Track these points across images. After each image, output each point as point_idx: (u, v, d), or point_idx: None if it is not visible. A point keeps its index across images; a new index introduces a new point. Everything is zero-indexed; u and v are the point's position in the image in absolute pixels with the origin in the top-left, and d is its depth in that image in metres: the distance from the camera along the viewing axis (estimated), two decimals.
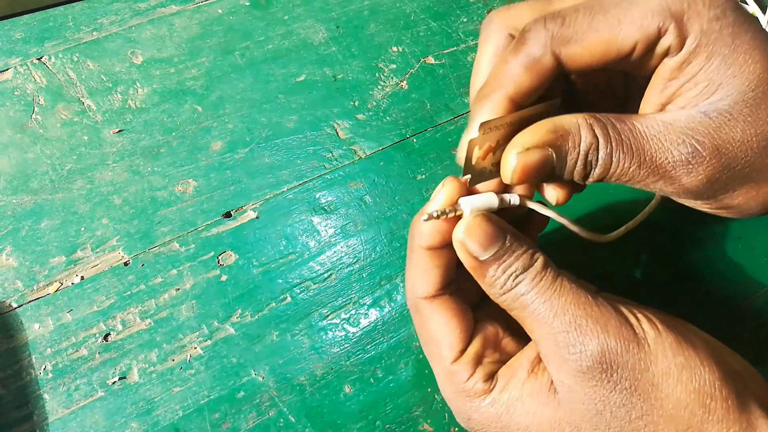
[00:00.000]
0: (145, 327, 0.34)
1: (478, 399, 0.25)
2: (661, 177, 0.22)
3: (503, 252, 0.23)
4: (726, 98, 0.21)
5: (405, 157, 0.40)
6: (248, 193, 0.38)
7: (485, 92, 0.24)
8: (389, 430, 0.32)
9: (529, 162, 0.22)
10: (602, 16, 0.22)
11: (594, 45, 0.22)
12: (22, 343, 0.33)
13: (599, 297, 0.23)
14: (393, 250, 0.37)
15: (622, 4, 0.22)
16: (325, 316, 0.35)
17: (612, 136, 0.22)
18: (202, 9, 0.45)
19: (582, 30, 0.22)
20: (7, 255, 0.35)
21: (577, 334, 0.22)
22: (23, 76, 0.41)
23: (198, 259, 0.36)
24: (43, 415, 0.31)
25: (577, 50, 0.22)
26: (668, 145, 0.21)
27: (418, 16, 0.46)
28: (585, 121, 0.22)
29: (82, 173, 0.38)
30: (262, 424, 0.32)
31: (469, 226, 0.23)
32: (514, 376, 0.25)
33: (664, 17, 0.21)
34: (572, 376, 0.22)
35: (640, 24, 0.21)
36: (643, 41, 0.22)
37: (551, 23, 0.22)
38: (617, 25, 0.22)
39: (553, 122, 0.23)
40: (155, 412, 0.32)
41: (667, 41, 0.21)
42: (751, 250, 0.38)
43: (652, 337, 0.22)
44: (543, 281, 0.23)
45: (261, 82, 0.42)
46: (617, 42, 0.22)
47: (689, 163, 0.21)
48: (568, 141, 0.22)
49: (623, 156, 0.22)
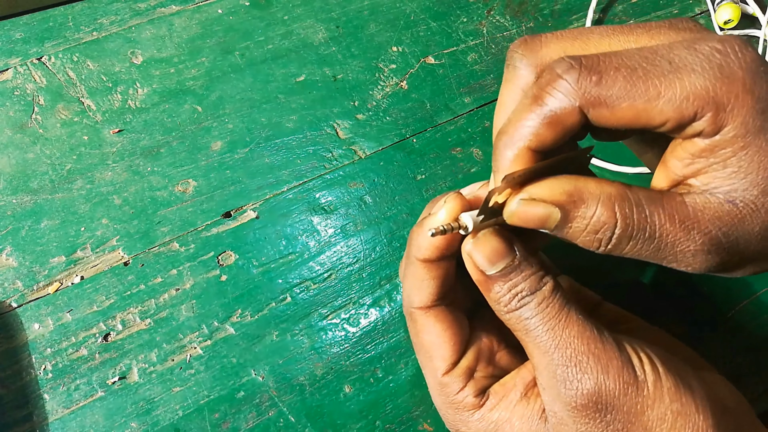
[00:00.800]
0: (144, 327, 0.34)
1: (467, 413, 0.25)
2: (677, 261, 0.21)
3: (511, 270, 0.23)
4: (753, 188, 0.20)
5: (405, 157, 0.40)
6: (248, 193, 0.38)
7: (506, 140, 0.22)
8: (389, 430, 0.32)
9: (528, 213, 0.21)
10: (643, 84, 0.20)
11: (625, 113, 0.20)
12: (22, 343, 0.33)
13: (605, 332, 0.23)
14: (393, 250, 0.37)
15: (668, 75, 0.20)
16: (325, 316, 0.35)
17: (636, 220, 0.20)
18: (202, 9, 0.45)
19: (618, 95, 0.20)
20: (7, 255, 0.35)
21: (576, 371, 0.22)
22: (23, 76, 0.41)
23: (198, 259, 0.36)
24: (42, 415, 0.31)
25: (606, 114, 0.21)
26: (694, 234, 0.21)
27: (418, 16, 0.46)
28: (609, 196, 0.21)
29: (82, 173, 0.38)
30: (262, 424, 0.32)
31: (478, 239, 0.23)
32: (507, 397, 0.25)
33: (705, 103, 0.20)
34: (565, 410, 0.22)
35: (678, 105, 0.20)
36: (674, 121, 0.20)
37: (585, 78, 0.20)
38: (656, 99, 0.20)
39: (573, 184, 0.21)
40: (155, 412, 0.32)
41: (701, 126, 0.20)
42: None
43: (652, 381, 0.22)
44: (549, 308, 0.23)
45: (261, 82, 0.42)
46: (649, 115, 0.20)
47: (709, 252, 0.21)
48: (579, 210, 0.21)
49: (642, 243, 0.21)
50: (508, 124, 0.22)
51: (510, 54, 0.24)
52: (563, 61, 0.21)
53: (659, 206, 0.21)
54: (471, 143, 0.41)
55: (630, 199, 0.21)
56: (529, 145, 0.21)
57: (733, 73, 0.19)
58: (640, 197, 0.21)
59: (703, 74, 0.20)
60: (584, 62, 0.20)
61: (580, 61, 0.20)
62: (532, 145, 0.21)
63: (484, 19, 0.46)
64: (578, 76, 0.20)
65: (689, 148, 0.21)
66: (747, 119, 0.20)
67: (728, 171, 0.20)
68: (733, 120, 0.20)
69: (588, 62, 0.20)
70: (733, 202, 0.20)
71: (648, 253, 0.21)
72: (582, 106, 0.20)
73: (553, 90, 0.21)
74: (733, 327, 0.36)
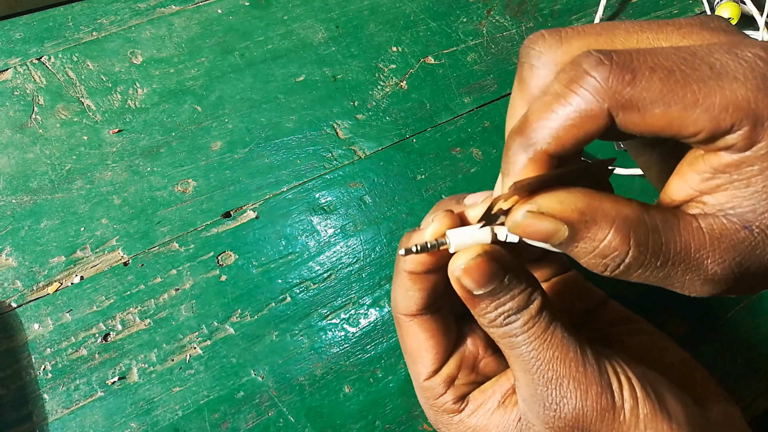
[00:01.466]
0: (144, 327, 0.34)
1: (447, 416, 0.26)
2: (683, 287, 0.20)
3: (499, 290, 0.22)
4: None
5: (404, 157, 0.40)
6: (248, 193, 0.38)
7: (521, 141, 0.20)
8: (389, 430, 0.32)
9: (534, 227, 0.20)
10: (681, 90, 0.18)
11: (657, 119, 0.18)
12: (22, 343, 0.33)
13: (588, 353, 0.23)
14: (392, 250, 0.37)
15: (708, 82, 0.18)
16: (325, 316, 0.35)
17: (651, 249, 0.19)
18: (202, 9, 0.45)
19: (652, 99, 0.18)
20: (7, 255, 0.35)
21: (556, 393, 0.22)
22: (23, 76, 0.41)
23: (197, 259, 0.36)
24: (42, 415, 0.31)
25: (636, 119, 0.18)
26: (708, 264, 0.19)
27: (417, 16, 0.46)
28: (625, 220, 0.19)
29: (82, 173, 0.38)
30: (262, 424, 0.32)
31: (468, 266, 0.22)
32: (485, 404, 0.25)
33: (745, 116, 0.18)
34: (543, 427, 0.23)
35: (717, 115, 0.18)
36: (708, 132, 0.18)
37: (617, 77, 0.18)
38: (693, 107, 0.18)
39: (588, 201, 0.19)
40: (155, 412, 0.32)
41: (733, 140, 0.18)
42: None
43: (629, 407, 0.22)
44: (534, 328, 0.22)
45: (261, 82, 0.42)
46: (683, 124, 0.18)
47: (720, 281, 0.20)
48: (590, 231, 0.19)
49: (652, 271, 0.19)
50: (524, 123, 0.20)
51: (525, 51, 0.22)
52: (591, 56, 0.18)
53: (676, 234, 0.19)
54: (471, 143, 0.41)
55: (646, 225, 0.19)
56: (548, 149, 0.19)
57: None
58: (657, 223, 0.19)
59: (745, 83, 0.18)
60: (616, 58, 0.18)
61: (611, 56, 0.18)
62: (550, 150, 0.19)
63: (483, 19, 0.46)
64: (609, 73, 0.18)
65: (713, 161, 0.19)
66: None
67: (750, 190, 0.19)
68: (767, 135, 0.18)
69: (620, 59, 0.18)
70: (749, 228, 0.19)
71: (655, 280, 0.20)
72: (611, 108, 0.18)
73: (579, 88, 0.19)
74: (732, 327, 0.36)
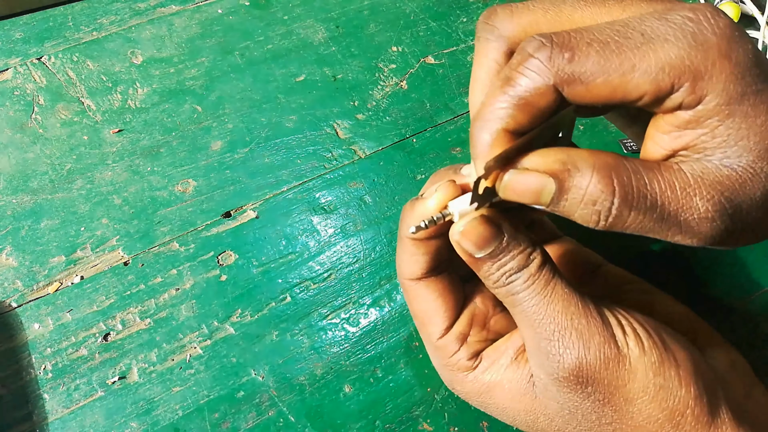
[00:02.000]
0: (144, 327, 0.34)
1: (462, 374, 0.27)
2: (680, 232, 0.21)
3: (499, 251, 0.23)
4: (748, 154, 0.20)
5: (405, 157, 0.40)
6: (248, 193, 0.38)
7: (481, 125, 0.21)
8: (389, 430, 0.32)
9: (522, 185, 0.21)
10: (617, 58, 0.19)
11: (600, 89, 0.20)
12: (22, 343, 0.33)
13: (590, 305, 0.23)
14: (393, 249, 0.37)
15: (641, 47, 0.19)
16: (325, 315, 0.35)
17: (636, 188, 0.20)
18: (202, 9, 0.45)
19: (592, 71, 0.20)
20: (7, 255, 0.35)
21: (558, 345, 0.22)
22: (23, 76, 0.41)
23: (198, 259, 0.36)
24: (42, 414, 0.31)
25: (582, 90, 0.20)
26: (697, 201, 0.20)
27: (417, 16, 0.46)
28: (605, 164, 0.20)
29: (82, 173, 0.38)
30: (262, 424, 0.32)
31: (465, 229, 0.23)
32: (498, 360, 0.26)
33: (681, 73, 0.19)
34: (549, 379, 0.23)
35: (654, 76, 0.19)
36: (652, 93, 0.20)
37: (557, 56, 0.20)
38: (630, 73, 0.19)
39: (567, 153, 0.20)
40: (155, 412, 0.32)
41: (680, 97, 0.19)
42: (751, 251, 0.38)
43: (636, 355, 0.22)
44: (536, 284, 0.23)
45: (261, 82, 0.42)
46: (626, 89, 0.20)
47: (714, 219, 0.20)
48: (574, 179, 0.20)
49: (645, 213, 0.20)
50: (481, 108, 0.21)
51: (479, 26, 0.24)
52: (534, 40, 0.20)
53: (658, 174, 0.20)
54: None
55: (627, 167, 0.20)
56: (506, 127, 0.21)
57: (707, 40, 0.19)
58: (638, 165, 0.20)
59: (676, 44, 0.19)
60: (555, 39, 0.20)
61: (551, 38, 0.20)
62: (508, 127, 0.21)
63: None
64: (550, 53, 0.20)
65: (673, 120, 0.20)
66: (727, 86, 0.19)
67: (718, 140, 0.20)
68: (713, 88, 0.19)
69: (559, 39, 0.20)
70: (731, 167, 0.20)
71: (651, 224, 0.20)
72: (556, 84, 0.20)
73: (525, 69, 0.20)
74: (730, 325, 0.36)
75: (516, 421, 0.26)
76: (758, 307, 0.37)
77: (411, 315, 0.29)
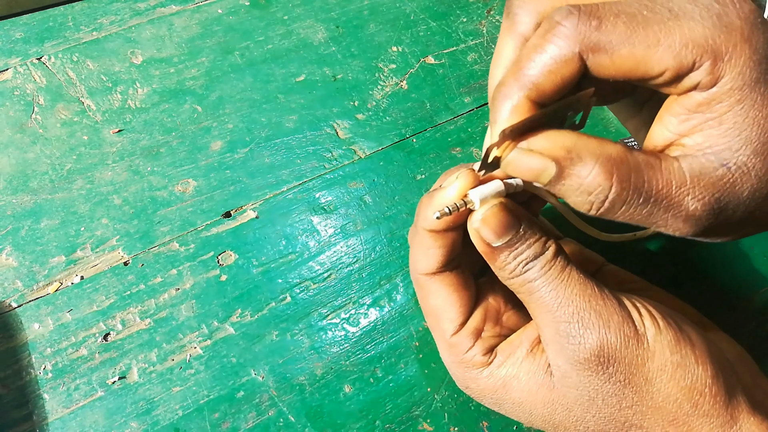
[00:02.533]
0: (144, 327, 0.34)
1: (476, 370, 0.26)
2: (666, 225, 0.21)
3: (516, 240, 0.23)
4: (746, 147, 0.20)
5: (405, 157, 0.40)
6: (248, 193, 0.38)
7: (505, 91, 0.22)
8: (389, 430, 0.32)
9: (524, 164, 0.21)
10: (643, 31, 0.20)
11: (624, 60, 0.20)
12: (22, 342, 0.33)
13: (605, 290, 0.23)
14: (393, 249, 0.37)
15: (667, 23, 0.20)
16: (325, 315, 0.35)
17: (633, 185, 0.20)
18: (202, 9, 0.45)
19: (618, 41, 0.20)
20: (7, 255, 0.35)
21: (578, 326, 0.22)
22: (23, 76, 0.41)
23: (198, 258, 0.36)
24: (42, 414, 0.31)
25: (605, 61, 0.20)
26: (689, 201, 0.20)
27: (417, 16, 0.46)
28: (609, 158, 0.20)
29: (82, 173, 0.38)
30: (262, 424, 0.32)
31: (485, 216, 0.24)
32: (513, 354, 0.26)
33: (704, 52, 0.19)
34: (568, 364, 0.23)
35: (678, 52, 0.20)
36: (673, 70, 0.20)
37: (585, 24, 0.20)
38: (655, 46, 0.20)
39: (574, 141, 0.21)
40: (155, 412, 0.32)
41: (698, 76, 0.20)
42: (751, 250, 0.38)
43: (653, 334, 0.22)
44: (552, 270, 0.23)
45: (261, 82, 0.42)
46: (649, 64, 0.20)
47: (701, 218, 0.21)
48: (575, 168, 0.21)
49: (636, 208, 0.21)
50: (506, 74, 0.22)
51: (508, 2, 0.24)
52: (562, 9, 0.21)
53: (657, 171, 0.21)
54: (471, 143, 0.41)
55: (629, 164, 0.21)
56: (529, 95, 0.21)
57: (732, 22, 0.19)
58: (639, 162, 0.21)
59: (702, 22, 0.19)
60: (583, 8, 0.20)
61: (579, 7, 0.20)
62: (531, 96, 0.21)
63: (484, 19, 0.46)
64: (578, 21, 0.20)
65: (686, 103, 0.21)
66: (744, 70, 0.20)
67: (724, 128, 0.20)
68: (730, 71, 0.20)
69: (587, 8, 0.20)
70: (726, 166, 0.20)
71: (640, 218, 0.21)
72: (582, 51, 0.20)
73: (552, 37, 0.21)
74: (731, 325, 0.36)
75: (533, 415, 0.25)
76: (762, 304, 0.37)
77: (423, 312, 0.29)
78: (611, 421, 0.23)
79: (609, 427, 0.23)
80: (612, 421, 0.23)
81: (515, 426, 0.33)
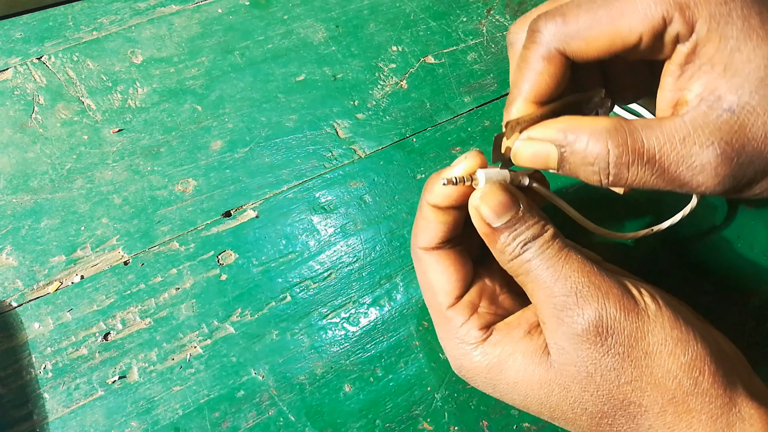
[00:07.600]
0: (144, 326, 0.34)
1: (470, 346, 0.26)
2: (689, 180, 0.21)
3: (515, 221, 0.24)
4: (745, 85, 0.20)
5: (405, 157, 0.40)
6: (248, 193, 0.38)
7: (510, 97, 0.25)
8: (389, 429, 0.32)
9: (529, 152, 0.23)
10: (605, 10, 0.22)
11: (597, 39, 0.22)
12: (22, 342, 0.33)
13: (604, 270, 0.24)
14: (393, 249, 0.37)
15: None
16: (325, 315, 0.35)
17: (630, 146, 0.21)
18: (202, 8, 0.45)
19: (584, 26, 0.22)
20: (7, 254, 0.35)
21: (576, 299, 0.23)
22: (23, 75, 0.41)
23: (198, 258, 0.36)
24: (42, 414, 0.31)
25: (582, 45, 0.22)
26: (697, 148, 0.21)
27: (417, 16, 0.46)
28: (601, 129, 0.22)
29: (82, 173, 0.38)
30: (262, 423, 0.32)
31: (485, 193, 0.24)
32: (510, 334, 0.26)
33: (668, 6, 0.21)
34: (567, 339, 0.23)
35: (644, 15, 0.21)
36: (648, 32, 0.21)
37: (551, 23, 0.23)
38: (620, 18, 0.21)
39: (567, 121, 0.23)
40: (155, 411, 0.32)
41: (675, 29, 0.21)
42: (751, 249, 0.38)
43: (653, 310, 0.23)
44: (549, 249, 0.24)
45: (261, 82, 0.42)
46: (621, 34, 0.22)
47: (717, 166, 0.21)
48: (573, 146, 0.22)
49: (643, 167, 0.21)
50: (510, 84, 0.25)
51: (508, 37, 0.27)
52: (536, 18, 0.23)
53: (657, 129, 0.21)
54: (471, 142, 0.41)
55: (623, 129, 0.22)
56: (527, 97, 0.24)
57: None
58: (636, 126, 0.22)
59: None
60: (550, 12, 0.23)
61: (547, 12, 0.23)
62: (528, 96, 0.24)
63: (483, 19, 0.46)
64: (546, 22, 0.23)
65: (676, 59, 0.22)
66: (711, 9, 0.20)
67: (717, 70, 0.21)
68: (700, 13, 0.20)
69: (553, 11, 0.23)
70: (730, 109, 0.21)
71: (655, 178, 0.22)
72: (557, 47, 0.23)
73: (530, 43, 0.23)
74: (730, 324, 0.36)
75: (528, 398, 0.25)
76: (761, 303, 0.37)
77: (420, 287, 0.29)
78: (609, 400, 0.22)
79: (607, 407, 0.23)
80: (610, 399, 0.22)
81: (515, 426, 0.33)
